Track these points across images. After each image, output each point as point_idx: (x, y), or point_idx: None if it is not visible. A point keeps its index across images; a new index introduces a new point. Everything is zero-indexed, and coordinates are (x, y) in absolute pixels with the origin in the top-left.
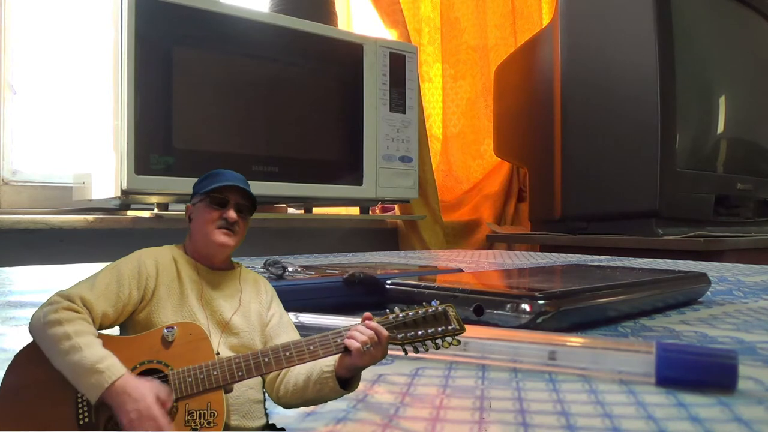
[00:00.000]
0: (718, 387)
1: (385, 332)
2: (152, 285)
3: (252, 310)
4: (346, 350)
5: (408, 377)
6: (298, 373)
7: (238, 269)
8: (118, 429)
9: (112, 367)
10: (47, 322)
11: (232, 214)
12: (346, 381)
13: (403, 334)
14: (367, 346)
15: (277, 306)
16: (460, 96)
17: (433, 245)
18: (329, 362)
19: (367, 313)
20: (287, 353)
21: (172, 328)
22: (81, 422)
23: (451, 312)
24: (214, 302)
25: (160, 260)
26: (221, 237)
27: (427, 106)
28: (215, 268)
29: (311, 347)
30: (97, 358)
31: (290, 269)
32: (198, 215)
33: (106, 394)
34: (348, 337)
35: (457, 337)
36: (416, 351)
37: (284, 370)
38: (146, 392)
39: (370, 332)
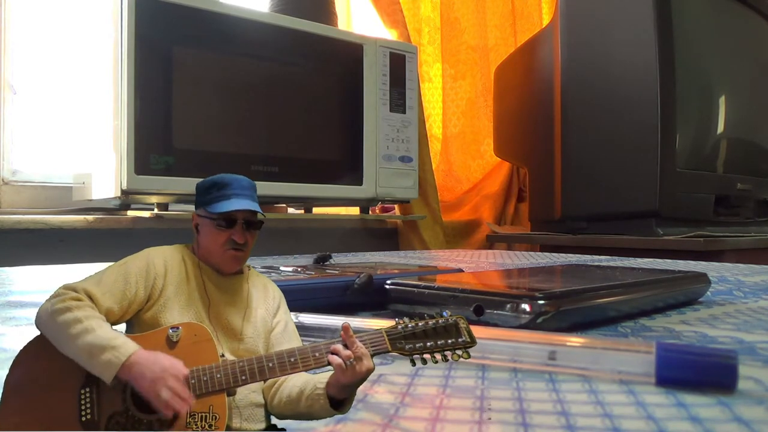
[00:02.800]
0: (718, 387)
1: (362, 349)
2: (160, 284)
3: (258, 316)
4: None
5: (408, 377)
6: (293, 385)
7: (248, 273)
8: (120, 427)
9: (126, 344)
10: (56, 311)
11: (240, 237)
12: (339, 401)
13: (411, 345)
14: (350, 360)
15: (284, 313)
16: (460, 96)
17: (433, 245)
18: (323, 379)
19: (345, 324)
20: (292, 359)
21: (177, 328)
22: (83, 419)
23: (462, 324)
24: (221, 306)
25: (169, 260)
26: (231, 257)
27: (427, 106)
28: (224, 273)
29: (317, 354)
30: (110, 337)
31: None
32: (205, 231)
33: (122, 370)
34: (333, 351)
35: (467, 350)
36: (424, 363)
37: (280, 380)
38: (161, 357)
39: (347, 352)
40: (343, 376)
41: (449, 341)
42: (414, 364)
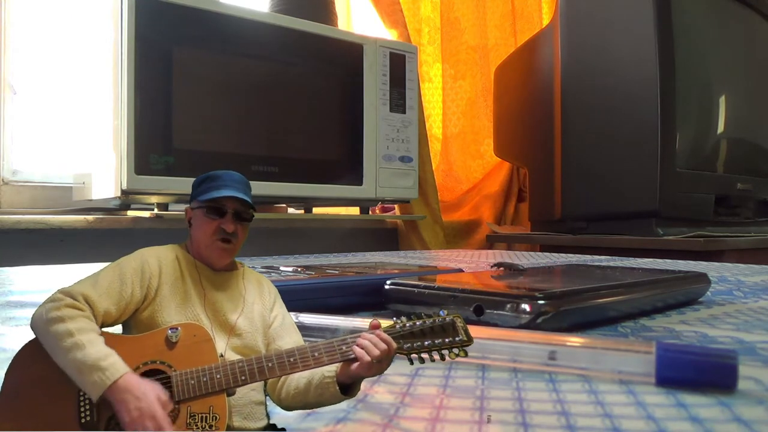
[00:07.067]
0: (718, 387)
1: (394, 345)
2: (155, 284)
3: (255, 311)
4: (352, 358)
5: (408, 377)
6: (300, 377)
7: (241, 270)
8: (120, 428)
9: (115, 365)
10: (49, 319)
11: (230, 226)
12: (347, 387)
13: (409, 344)
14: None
15: (280, 307)
16: (460, 96)
17: (433, 245)
18: (331, 367)
19: (375, 322)
20: (291, 359)
21: (176, 328)
22: (82, 420)
23: (459, 323)
24: (217, 303)
25: (163, 259)
26: (220, 249)
27: (427, 106)
28: (218, 270)
29: (316, 354)
30: (100, 356)
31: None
32: (197, 223)
33: (108, 392)
34: (359, 346)
35: (464, 349)
36: (422, 362)
37: None
38: (148, 391)
39: (384, 347)
40: (368, 371)
41: (446, 340)
42: (412, 363)
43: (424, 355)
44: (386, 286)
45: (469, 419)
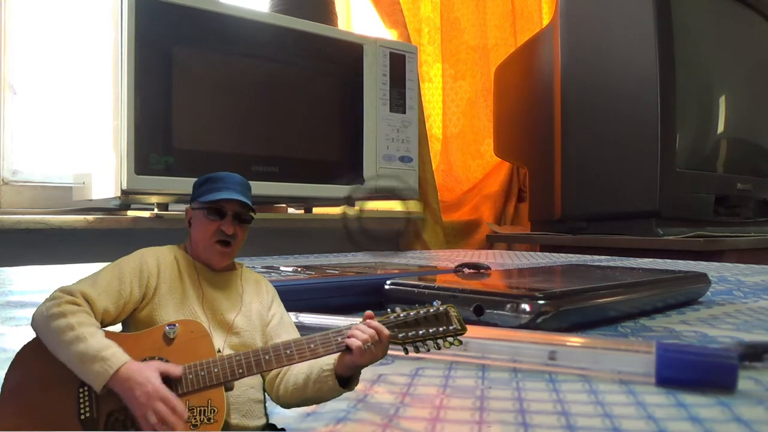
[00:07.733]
0: (718, 387)
1: (386, 331)
2: (154, 283)
3: (253, 310)
4: (347, 349)
5: (408, 377)
6: (298, 372)
7: (240, 269)
8: (119, 425)
9: (116, 355)
10: (50, 315)
11: (229, 228)
12: (345, 380)
13: (404, 334)
14: (368, 344)
15: (278, 306)
16: (460, 96)
17: (433, 245)
18: (329, 361)
19: (369, 312)
20: (288, 351)
21: (174, 325)
22: (82, 417)
23: (453, 312)
24: (215, 302)
25: (161, 259)
26: (219, 251)
27: (427, 106)
28: (216, 270)
29: (312, 345)
30: (101, 347)
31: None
32: (197, 224)
33: (111, 381)
34: (349, 336)
35: (458, 337)
36: (417, 351)
37: (284, 370)
38: (151, 375)
39: (371, 331)
40: (362, 358)
41: (440, 329)
42: (407, 352)
43: (419, 344)
44: (386, 286)
45: (469, 419)
